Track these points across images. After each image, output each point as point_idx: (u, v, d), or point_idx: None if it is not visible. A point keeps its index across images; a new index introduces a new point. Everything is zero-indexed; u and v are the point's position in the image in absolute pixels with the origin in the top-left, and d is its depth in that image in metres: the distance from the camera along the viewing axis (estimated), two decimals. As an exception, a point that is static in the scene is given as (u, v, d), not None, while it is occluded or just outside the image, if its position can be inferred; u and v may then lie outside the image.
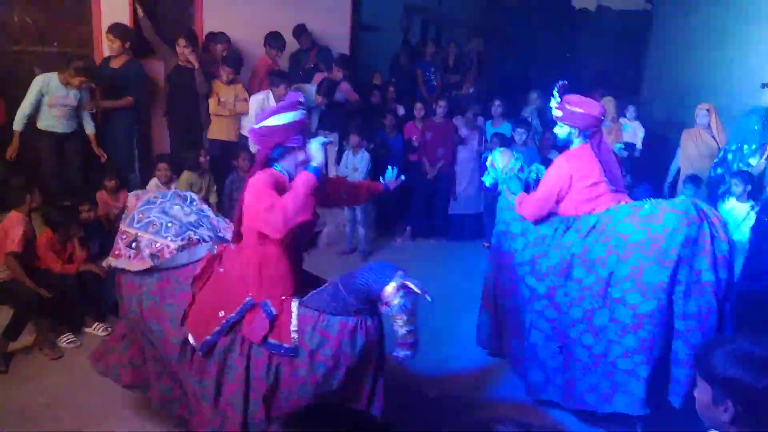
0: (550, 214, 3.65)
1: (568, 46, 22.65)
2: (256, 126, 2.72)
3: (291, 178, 2.72)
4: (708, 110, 6.14)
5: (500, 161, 4.07)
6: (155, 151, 5.91)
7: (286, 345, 2.69)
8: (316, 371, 2.66)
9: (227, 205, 5.71)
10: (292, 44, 6.60)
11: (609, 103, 6.64)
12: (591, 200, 3.58)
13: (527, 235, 3.71)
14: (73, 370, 3.91)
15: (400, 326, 2.62)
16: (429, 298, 2.56)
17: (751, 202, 5.04)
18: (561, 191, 3.59)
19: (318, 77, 6.40)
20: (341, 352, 2.65)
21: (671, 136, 8.14)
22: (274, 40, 6.14)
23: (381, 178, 3.55)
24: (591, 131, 3.62)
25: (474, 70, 9.00)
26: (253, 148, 5.90)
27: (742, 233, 5.05)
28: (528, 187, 3.98)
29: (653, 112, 7.99)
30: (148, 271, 2.93)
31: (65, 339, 4.25)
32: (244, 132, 5.93)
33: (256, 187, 2.60)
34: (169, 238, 2.93)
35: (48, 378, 3.84)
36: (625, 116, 7.02)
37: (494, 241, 4.02)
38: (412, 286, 2.57)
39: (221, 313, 2.76)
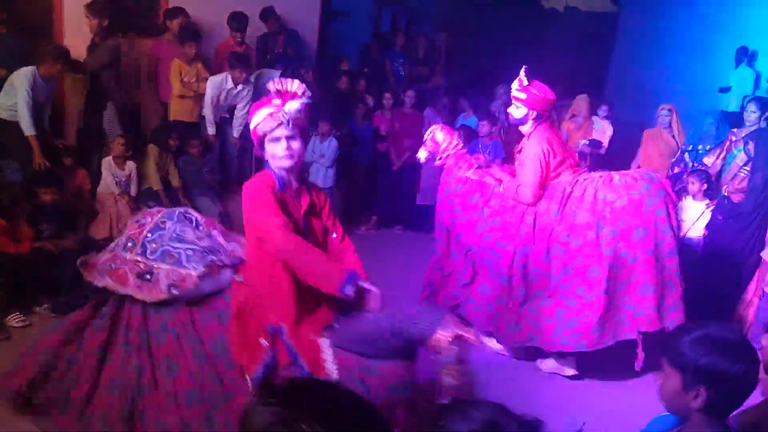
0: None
1: (536, 44, 22.98)
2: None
3: (278, 180, 2.56)
4: (669, 110, 6.28)
5: (440, 137, 4.20)
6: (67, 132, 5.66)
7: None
8: None
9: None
10: (260, 28, 6.48)
11: (583, 101, 6.73)
12: (556, 175, 3.91)
13: (489, 202, 4.00)
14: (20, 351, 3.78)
15: (451, 377, 2.31)
16: (491, 346, 2.56)
17: (707, 201, 5.17)
18: (546, 167, 3.85)
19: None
20: (386, 397, 2.37)
21: (632, 135, 8.32)
22: (234, 21, 6.01)
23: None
24: (544, 115, 3.90)
25: (442, 63, 9.03)
26: (211, 130, 5.83)
27: (698, 230, 5.19)
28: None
29: (616, 112, 8.15)
30: (162, 303, 2.64)
31: (14, 319, 4.09)
32: (204, 112, 5.82)
33: (252, 192, 2.51)
34: (192, 266, 2.65)
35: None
36: (597, 114, 7.12)
37: (441, 215, 4.20)
38: (467, 336, 2.35)
39: (263, 342, 2.49)
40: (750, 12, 9.36)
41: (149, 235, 2.75)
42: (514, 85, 3.84)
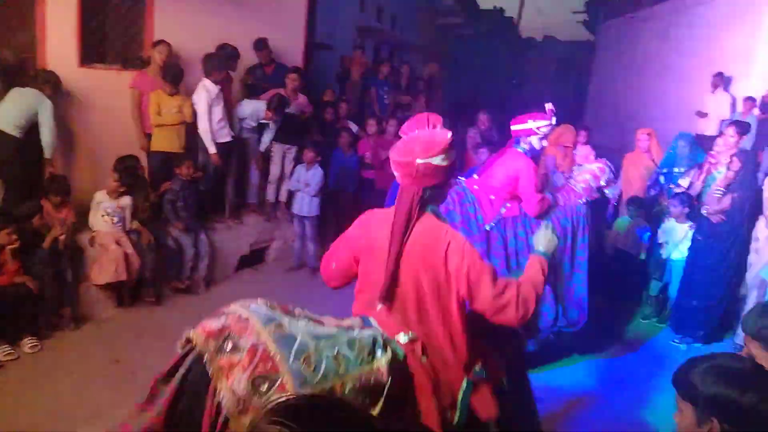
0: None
1: (515, 72, 23.35)
2: (420, 161, 2.15)
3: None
4: (648, 134, 6.39)
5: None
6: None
7: None
8: None
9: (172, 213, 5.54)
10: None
11: (569, 131, 6.78)
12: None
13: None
14: (5, 386, 3.73)
15: None
16: None
17: (690, 223, 5.24)
18: None
19: (271, 92, 6.37)
20: None
21: (611, 159, 8.44)
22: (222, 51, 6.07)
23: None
24: None
25: (425, 92, 9.15)
26: (212, 148, 5.78)
27: (681, 252, 5.26)
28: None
29: (594, 137, 8.29)
30: None
31: (1, 351, 4.06)
32: (201, 133, 5.80)
33: (477, 263, 2.17)
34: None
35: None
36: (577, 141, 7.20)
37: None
38: None
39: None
40: (724, 39, 9.63)
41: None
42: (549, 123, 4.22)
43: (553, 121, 4.25)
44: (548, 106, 4.27)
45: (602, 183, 4.63)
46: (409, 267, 2.19)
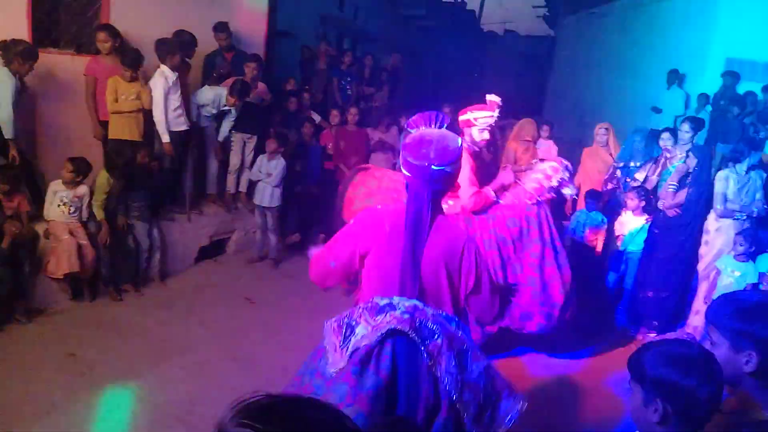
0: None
1: (477, 65, 23.53)
2: (435, 167, 2.23)
3: None
4: (606, 129, 6.51)
5: None
6: None
7: None
8: None
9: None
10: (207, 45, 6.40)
11: (530, 124, 6.82)
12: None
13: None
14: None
15: None
16: None
17: (646, 216, 5.38)
18: None
19: (232, 79, 6.25)
20: None
21: (569, 153, 8.61)
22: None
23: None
24: None
25: (388, 84, 9.14)
26: (165, 137, 5.62)
27: (637, 244, 5.39)
28: None
29: (554, 132, 8.43)
30: None
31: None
32: (156, 121, 5.62)
33: (483, 264, 2.39)
34: None
35: None
36: (539, 135, 7.26)
37: None
38: None
39: None
40: (679, 36, 9.87)
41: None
42: (494, 115, 4.12)
43: (496, 113, 4.14)
44: (491, 97, 4.16)
45: (554, 183, 4.50)
46: (431, 261, 2.29)
